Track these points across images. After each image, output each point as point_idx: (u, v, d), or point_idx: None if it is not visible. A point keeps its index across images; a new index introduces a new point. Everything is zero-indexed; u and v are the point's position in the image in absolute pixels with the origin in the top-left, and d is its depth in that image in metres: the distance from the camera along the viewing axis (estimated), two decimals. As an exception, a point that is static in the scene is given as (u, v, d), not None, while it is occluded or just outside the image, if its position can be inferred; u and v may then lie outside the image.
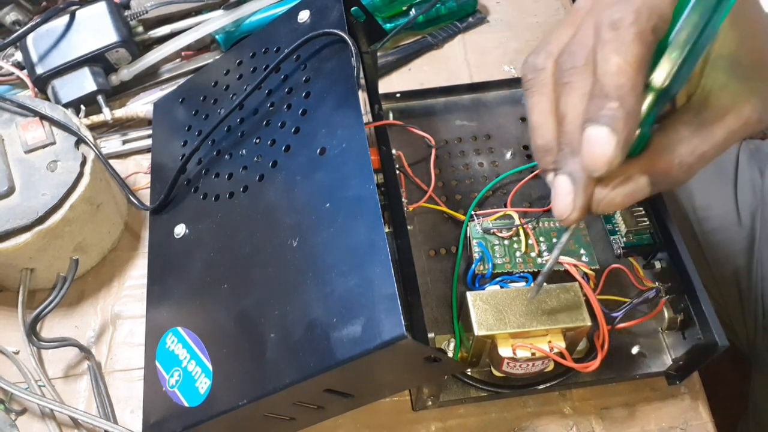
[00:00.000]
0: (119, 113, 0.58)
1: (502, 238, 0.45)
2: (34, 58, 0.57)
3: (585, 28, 0.30)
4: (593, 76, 0.29)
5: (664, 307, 0.42)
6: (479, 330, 0.38)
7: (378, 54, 0.49)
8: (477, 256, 0.44)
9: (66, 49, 0.57)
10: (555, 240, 0.45)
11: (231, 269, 0.39)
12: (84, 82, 0.57)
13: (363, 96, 0.47)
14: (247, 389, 0.34)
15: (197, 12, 0.64)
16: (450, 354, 0.42)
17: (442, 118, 0.55)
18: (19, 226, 0.44)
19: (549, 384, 0.42)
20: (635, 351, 0.43)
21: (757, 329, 0.61)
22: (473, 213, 0.47)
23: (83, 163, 0.47)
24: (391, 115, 0.54)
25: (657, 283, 0.43)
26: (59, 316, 0.49)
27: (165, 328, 0.40)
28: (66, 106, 0.55)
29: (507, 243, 0.45)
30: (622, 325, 0.41)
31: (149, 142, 0.56)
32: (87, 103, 0.57)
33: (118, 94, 0.60)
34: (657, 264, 0.45)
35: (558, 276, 0.43)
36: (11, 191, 0.46)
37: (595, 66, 0.28)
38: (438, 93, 0.56)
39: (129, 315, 0.49)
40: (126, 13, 0.60)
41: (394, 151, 0.46)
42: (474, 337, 0.39)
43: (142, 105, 0.59)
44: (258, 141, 0.42)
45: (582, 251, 0.44)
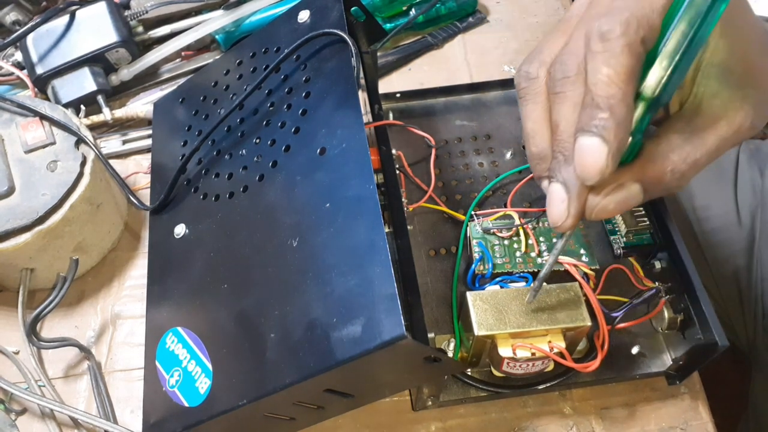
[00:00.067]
0: (119, 113, 0.58)
1: (502, 238, 0.45)
2: (34, 58, 0.57)
3: (576, 37, 0.30)
4: (585, 85, 0.29)
5: (664, 307, 0.42)
6: (479, 330, 0.38)
7: (378, 54, 0.48)
8: (477, 256, 0.44)
9: (66, 49, 0.57)
10: (555, 240, 0.45)
11: (231, 269, 0.39)
12: (84, 82, 0.57)
13: (363, 96, 0.47)
14: (247, 389, 0.34)
15: (197, 12, 0.64)
16: (450, 354, 0.42)
17: (442, 118, 0.55)
18: (19, 226, 0.44)
19: (549, 384, 0.42)
20: (635, 351, 0.43)
21: (757, 329, 0.61)
22: (473, 213, 0.47)
23: (83, 163, 0.47)
24: (391, 115, 0.54)
25: (657, 283, 0.43)
26: (59, 316, 0.49)
27: (165, 328, 0.40)
28: (66, 106, 0.55)
29: (507, 243, 0.45)
30: (622, 325, 0.41)
31: (149, 142, 0.56)
32: (87, 103, 0.57)
33: (118, 94, 0.60)
34: (657, 264, 0.45)
35: (558, 276, 0.42)
36: (11, 191, 0.46)
37: (586, 76, 0.29)
38: (438, 93, 0.56)
39: (129, 315, 0.49)
40: (126, 13, 0.60)
41: (394, 151, 0.46)
42: (474, 337, 0.39)
43: (142, 105, 0.59)
44: (258, 141, 0.42)
45: (582, 251, 0.44)
